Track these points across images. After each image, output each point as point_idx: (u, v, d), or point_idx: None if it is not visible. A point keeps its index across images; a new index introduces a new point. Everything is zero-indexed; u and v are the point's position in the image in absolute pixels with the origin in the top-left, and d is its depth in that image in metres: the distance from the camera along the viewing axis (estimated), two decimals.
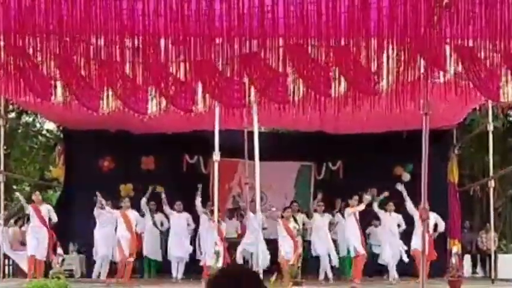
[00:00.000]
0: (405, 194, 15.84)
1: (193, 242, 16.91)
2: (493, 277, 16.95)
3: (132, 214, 15.80)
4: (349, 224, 15.82)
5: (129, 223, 15.54)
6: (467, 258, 19.97)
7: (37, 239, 15.33)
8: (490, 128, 16.64)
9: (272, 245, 15.56)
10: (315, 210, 16.10)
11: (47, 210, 15.68)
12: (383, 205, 16.57)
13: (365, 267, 16.02)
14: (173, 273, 16.58)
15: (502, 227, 22.60)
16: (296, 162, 19.12)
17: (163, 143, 18.04)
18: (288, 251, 14.90)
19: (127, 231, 15.49)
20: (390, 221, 16.11)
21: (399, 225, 16.45)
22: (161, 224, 17.37)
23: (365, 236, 16.68)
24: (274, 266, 14.85)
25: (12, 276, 16.95)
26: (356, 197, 15.78)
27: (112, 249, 15.99)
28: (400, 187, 15.99)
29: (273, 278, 10.55)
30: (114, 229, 15.98)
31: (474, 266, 20.50)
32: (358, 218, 15.91)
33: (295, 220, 16.23)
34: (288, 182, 19.03)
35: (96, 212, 16.11)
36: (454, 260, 14.72)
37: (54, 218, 15.70)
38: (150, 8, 7.66)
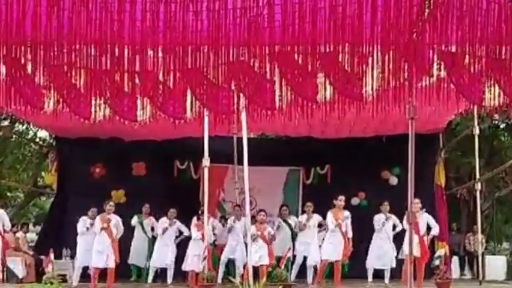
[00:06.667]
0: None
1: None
2: (480, 278, 17.09)
3: (114, 219, 15.69)
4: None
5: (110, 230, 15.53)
6: (455, 260, 20.09)
7: None
8: (476, 131, 16.75)
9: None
10: (304, 212, 16.08)
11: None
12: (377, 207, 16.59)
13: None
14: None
15: (489, 229, 22.76)
16: (285, 167, 19.28)
17: (154, 150, 18.19)
18: (261, 255, 14.81)
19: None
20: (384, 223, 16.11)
21: (394, 226, 16.17)
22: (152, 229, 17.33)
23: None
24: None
25: (6, 281, 17.03)
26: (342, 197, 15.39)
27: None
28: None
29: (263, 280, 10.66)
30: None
31: (462, 267, 20.63)
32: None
33: (289, 224, 16.28)
34: (277, 186, 19.17)
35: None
36: (436, 262, 14.81)
37: (7, 224, 15.86)
38: (138, 18, 7.86)
